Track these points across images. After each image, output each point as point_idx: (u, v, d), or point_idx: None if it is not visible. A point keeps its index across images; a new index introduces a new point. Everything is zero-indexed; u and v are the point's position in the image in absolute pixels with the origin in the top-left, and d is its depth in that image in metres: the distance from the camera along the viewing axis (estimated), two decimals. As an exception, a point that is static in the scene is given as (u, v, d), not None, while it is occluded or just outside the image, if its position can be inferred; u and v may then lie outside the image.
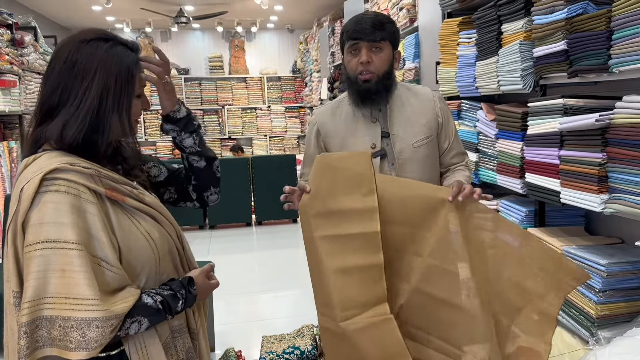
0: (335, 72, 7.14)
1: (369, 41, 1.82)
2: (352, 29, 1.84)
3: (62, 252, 1.11)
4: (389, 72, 1.87)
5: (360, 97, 1.87)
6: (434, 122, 1.94)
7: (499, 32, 2.63)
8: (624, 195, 1.86)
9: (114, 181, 1.23)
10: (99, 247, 1.15)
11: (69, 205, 1.13)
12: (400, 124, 1.90)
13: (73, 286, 1.10)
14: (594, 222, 2.53)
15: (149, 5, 8.20)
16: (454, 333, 1.53)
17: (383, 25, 1.83)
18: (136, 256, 1.22)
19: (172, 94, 1.44)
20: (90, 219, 1.15)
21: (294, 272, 5.19)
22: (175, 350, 1.32)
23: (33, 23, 6.71)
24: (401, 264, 1.60)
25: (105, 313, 1.11)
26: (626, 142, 1.84)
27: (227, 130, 10.74)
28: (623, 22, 1.81)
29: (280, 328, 3.36)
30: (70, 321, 1.10)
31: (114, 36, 1.28)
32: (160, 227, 1.30)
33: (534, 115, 2.31)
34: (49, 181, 1.14)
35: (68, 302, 1.10)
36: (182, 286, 1.30)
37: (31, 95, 6.21)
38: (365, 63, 1.82)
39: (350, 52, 1.87)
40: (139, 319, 1.18)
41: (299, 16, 9.71)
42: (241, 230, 6.84)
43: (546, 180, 2.26)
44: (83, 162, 1.19)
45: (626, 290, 1.98)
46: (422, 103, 1.95)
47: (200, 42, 10.80)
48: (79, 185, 1.16)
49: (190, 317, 1.39)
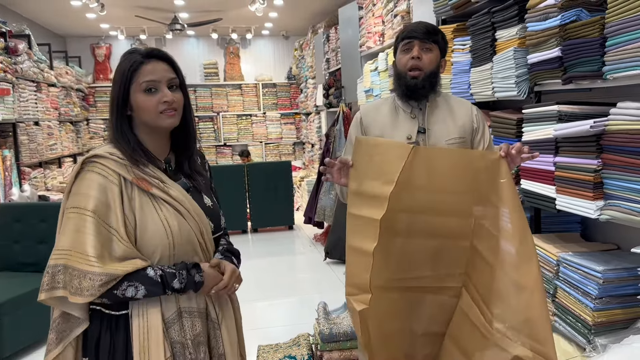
0: (330, 79, 7.14)
1: (422, 40, 1.97)
2: (408, 29, 2.01)
3: (82, 217, 1.38)
4: (435, 72, 2.01)
5: (407, 90, 2.00)
6: (469, 126, 2.03)
7: (493, 39, 2.64)
8: (620, 201, 1.86)
9: (144, 173, 1.47)
10: (114, 219, 1.40)
11: (97, 183, 1.41)
12: (436, 122, 2.01)
13: (82, 244, 1.36)
14: (590, 229, 2.53)
15: (143, 13, 8.19)
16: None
17: (436, 31, 2.02)
18: (151, 236, 1.43)
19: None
20: (111, 196, 1.41)
21: (291, 280, 5.16)
22: (181, 327, 1.47)
23: (27, 31, 6.70)
24: (463, 226, 1.71)
25: (98, 269, 1.34)
26: (621, 149, 1.84)
27: (222, 137, 10.71)
28: (616, 29, 1.81)
29: (276, 337, 3.34)
30: (75, 270, 1.35)
31: (136, 49, 1.51)
32: (181, 218, 1.48)
33: (529, 121, 2.31)
34: (89, 164, 1.44)
35: (76, 255, 1.36)
36: (184, 268, 1.46)
37: (25, 103, 6.18)
38: (415, 58, 1.97)
39: (403, 50, 2.02)
40: (136, 284, 1.38)
41: (293, 23, 9.72)
42: (237, 237, 6.81)
43: (542, 187, 2.26)
44: (124, 153, 1.46)
45: (622, 297, 1.97)
46: (460, 108, 2.06)
47: (195, 49, 10.79)
48: (110, 170, 1.43)
49: (210, 306, 1.55)
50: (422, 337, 1.77)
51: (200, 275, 1.47)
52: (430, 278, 1.74)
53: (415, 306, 1.76)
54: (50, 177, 6.91)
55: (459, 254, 1.72)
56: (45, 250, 3.63)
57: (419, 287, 1.75)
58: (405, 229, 1.69)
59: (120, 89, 1.46)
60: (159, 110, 1.47)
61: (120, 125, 1.48)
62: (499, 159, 1.63)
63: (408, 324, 1.76)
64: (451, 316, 1.75)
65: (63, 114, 7.96)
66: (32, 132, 6.40)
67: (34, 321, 3.44)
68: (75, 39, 10.23)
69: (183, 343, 1.47)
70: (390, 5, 4.69)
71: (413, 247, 1.72)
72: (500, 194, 1.61)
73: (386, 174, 1.61)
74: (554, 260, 2.19)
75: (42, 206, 4.14)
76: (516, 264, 1.54)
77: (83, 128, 9.35)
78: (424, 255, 1.73)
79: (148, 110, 1.46)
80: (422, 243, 1.72)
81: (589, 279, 1.99)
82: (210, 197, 1.66)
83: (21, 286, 3.42)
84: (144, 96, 1.46)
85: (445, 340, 1.76)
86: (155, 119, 1.48)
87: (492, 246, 1.62)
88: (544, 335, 1.47)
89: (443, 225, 1.71)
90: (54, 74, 7.57)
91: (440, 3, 3.22)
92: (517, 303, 1.53)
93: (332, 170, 1.77)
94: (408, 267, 1.73)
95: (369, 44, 5.34)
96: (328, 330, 2.86)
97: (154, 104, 1.46)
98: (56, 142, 7.37)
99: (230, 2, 7.83)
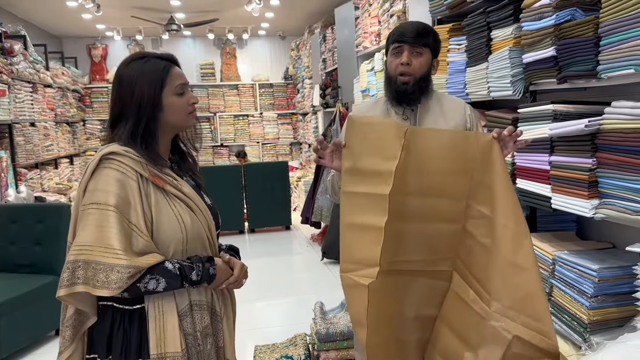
0: (327, 79, 7.15)
1: (411, 45, 1.95)
2: (398, 33, 1.98)
3: (104, 212, 1.40)
4: (425, 76, 1.99)
5: (397, 95, 2.00)
6: (462, 126, 2.01)
7: (488, 39, 2.65)
8: (615, 200, 1.87)
9: (159, 170, 1.53)
10: (134, 215, 1.44)
11: (115, 179, 1.44)
12: (428, 123, 2.00)
13: (106, 238, 1.39)
14: (585, 227, 2.53)
15: (139, 13, 8.18)
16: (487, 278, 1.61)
17: (427, 33, 1.98)
18: (166, 230, 1.48)
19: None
20: (130, 193, 1.45)
21: (288, 280, 5.17)
22: (192, 320, 1.53)
23: (23, 32, 6.69)
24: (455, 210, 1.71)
25: (125, 262, 1.37)
26: (616, 148, 1.84)
27: (219, 137, 10.71)
28: (611, 29, 1.82)
29: (273, 337, 3.34)
30: (100, 265, 1.37)
31: (148, 53, 1.58)
32: (193, 214, 1.55)
33: (524, 121, 2.32)
34: (106, 160, 1.47)
35: (101, 250, 1.38)
36: (200, 260, 1.52)
37: (21, 104, 6.17)
38: (405, 64, 1.95)
39: (393, 53, 2.01)
40: (157, 277, 1.43)
41: (290, 23, 9.73)
42: (234, 238, 6.81)
43: (537, 186, 2.26)
44: (137, 151, 1.49)
45: (618, 295, 1.98)
46: (453, 108, 2.05)
47: (192, 50, 10.78)
48: (127, 167, 1.46)
49: (215, 300, 1.62)
50: (413, 320, 1.75)
51: (214, 268, 1.55)
52: (421, 262, 1.73)
53: (407, 290, 1.75)
54: (46, 178, 6.90)
55: (450, 237, 1.71)
56: (41, 252, 3.64)
57: (410, 271, 1.73)
58: (397, 212, 1.65)
59: (155, 91, 1.52)
60: (188, 111, 1.59)
61: (151, 125, 1.53)
62: (491, 140, 1.63)
63: (399, 308, 1.74)
64: (442, 299, 1.74)
65: (59, 115, 7.95)
66: (28, 133, 6.39)
67: (30, 322, 3.44)
68: (71, 39, 10.21)
69: (194, 335, 1.53)
70: (386, 5, 4.70)
71: (405, 230, 1.70)
72: (493, 175, 1.61)
73: (386, 149, 1.61)
74: (550, 259, 2.20)
75: (38, 207, 4.14)
76: (513, 244, 1.54)
77: (79, 129, 9.34)
78: (415, 239, 1.71)
79: (179, 111, 1.57)
80: (414, 226, 1.70)
81: (584, 278, 2.00)
82: (208, 196, 1.73)
83: (18, 287, 3.42)
84: (177, 98, 1.56)
85: (438, 323, 1.75)
86: (185, 119, 1.60)
87: (487, 228, 1.62)
88: (543, 314, 1.47)
89: (435, 207, 1.70)
90: (50, 75, 7.55)
91: (435, 3, 3.23)
92: (516, 283, 1.52)
93: (324, 152, 1.77)
94: (399, 250, 1.70)
95: (365, 44, 5.35)
96: (325, 330, 2.87)
97: (184, 105, 1.58)
98: (52, 143, 7.35)
99: (226, 2, 7.82)
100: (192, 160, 1.74)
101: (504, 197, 1.58)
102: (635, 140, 1.75)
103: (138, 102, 1.51)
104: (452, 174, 1.68)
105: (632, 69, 1.75)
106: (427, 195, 1.69)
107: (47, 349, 3.58)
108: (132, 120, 1.52)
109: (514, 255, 1.53)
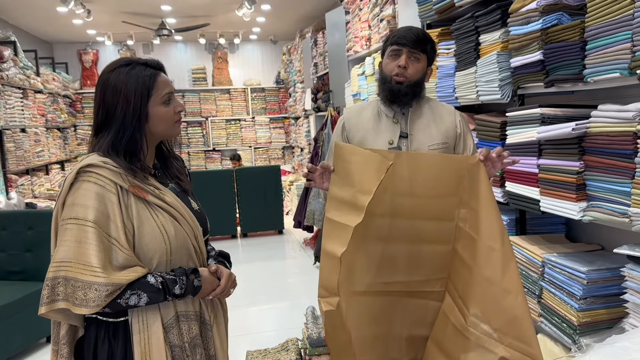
0: (319, 83, 7.16)
1: (411, 49, 1.97)
2: (398, 35, 1.99)
3: (82, 228, 1.37)
4: (420, 81, 2.01)
5: (391, 95, 2.00)
6: (452, 131, 2.04)
7: (477, 43, 2.66)
8: (602, 202, 1.88)
9: (140, 180, 1.48)
10: (113, 228, 1.40)
11: (94, 193, 1.40)
12: (419, 127, 2.01)
13: (84, 255, 1.36)
14: (574, 230, 2.55)
15: (130, 18, 8.16)
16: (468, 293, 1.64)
17: (426, 40, 2.00)
18: (148, 242, 1.44)
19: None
20: (110, 206, 1.41)
21: (280, 285, 5.16)
22: (179, 331, 1.50)
23: (13, 37, 6.66)
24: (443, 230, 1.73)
25: (103, 279, 1.34)
26: (602, 151, 1.86)
27: (211, 142, 10.70)
28: (596, 33, 1.84)
29: (265, 342, 3.34)
30: (78, 282, 1.35)
31: (132, 59, 1.52)
32: (177, 224, 1.51)
33: (513, 124, 2.33)
34: (84, 174, 1.43)
35: (79, 266, 1.35)
36: (184, 273, 1.48)
37: (11, 110, 6.14)
38: (402, 67, 1.96)
39: (390, 55, 2.01)
40: (138, 292, 1.39)
41: (281, 28, 9.74)
42: (226, 242, 6.79)
43: (526, 189, 2.28)
44: (117, 162, 1.45)
45: (606, 297, 1.99)
46: (444, 114, 2.06)
47: (183, 54, 10.77)
48: (106, 179, 1.42)
49: (204, 309, 1.58)
50: (406, 340, 1.78)
51: (198, 280, 1.52)
52: (413, 282, 1.75)
53: (399, 310, 1.77)
54: (37, 184, 6.86)
55: (441, 258, 1.73)
56: (32, 259, 3.61)
57: (402, 292, 1.76)
58: (387, 234, 1.69)
59: (141, 101, 1.47)
60: (175, 120, 1.56)
61: (138, 136, 1.49)
62: (477, 163, 1.66)
63: (391, 328, 1.77)
64: (434, 319, 1.77)
65: (50, 121, 7.92)
66: (19, 139, 6.36)
67: (21, 330, 3.41)
68: (62, 45, 10.18)
69: (181, 346, 1.51)
70: (376, 9, 4.72)
71: (395, 251, 1.72)
72: (478, 197, 1.63)
73: (363, 183, 1.62)
74: (539, 262, 2.21)
75: (29, 214, 4.11)
76: (499, 267, 1.56)
77: (70, 134, 9.30)
78: (406, 260, 1.73)
79: (165, 121, 1.53)
80: (404, 248, 1.73)
81: (573, 280, 2.01)
82: (196, 201, 1.70)
83: (9, 294, 3.40)
84: (163, 107, 1.52)
85: (429, 343, 1.77)
86: (171, 128, 1.56)
87: (472, 249, 1.63)
88: (530, 336, 1.49)
89: (425, 229, 1.72)
90: (41, 81, 7.53)
91: (424, 7, 3.25)
92: (503, 305, 1.54)
93: (314, 175, 1.78)
94: (391, 271, 1.73)
95: (356, 49, 5.36)
96: (316, 334, 2.86)
97: (171, 114, 1.54)
98: (43, 148, 7.32)
99: (217, 7, 7.83)
100: (179, 164, 1.70)
101: (489, 219, 1.60)
102: (621, 143, 1.77)
103: (123, 112, 1.46)
104: (441, 197, 1.70)
105: (617, 73, 1.76)
106: (417, 217, 1.72)
107: (38, 356, 3.55)
108: (116, 129, 1.47)
109: (500, 278, 1.55)
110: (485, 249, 1.59)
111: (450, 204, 1.70)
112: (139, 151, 1.50)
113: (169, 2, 7.47)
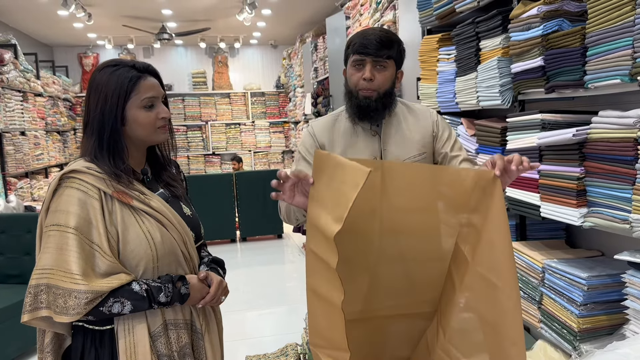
0: (319, 88, 7.17)
1: (375, 58, 1.78)
2: (359, 43, 1.79)
3: (63, 234, 1.35)
4: (390, 91, 1.84)
5: (359, 111, 1.84)
6: (429, 137, 1.90)
7: (477, 49, 2.67)
8: (602, 209, 1.88)
9: (125, 186, 1.45)
10: (96, 235, 1.37)
11: (76, 199, 1.38)
12: (394, 141, 1.87)
13: (65, 262, 1.34)
14: (574, 235, 2.55)
15: (130, 22, 8.18)
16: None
17: (391, 43, 1.79)
18: (134, 249, 1.41)
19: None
20: (92, 212, 1.38)
21: (280, 290, 5.15)
22: (167, 340, 1.46)
23: (13, 40, 6.67)
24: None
25: (83, 287, 1.31)
26: (603, 157, 1.86)
27: (210, 146, 10.70)
28: (597, 39, 1.84)
29: (264, 347, 3.33)
30: (59, 289, 1.32)
31: (121, 61, 1.49)
32: (164, 229, 1.47)
33: (513, 130, 2.33)
34: (67, 179, 1.41)
35: (60, 274, 1.33)
36: (170, 281, 1.44)
37: (11, 113, 6.14)
38: (368, 80, 1.79)
39: (354, 65, 1.84)
40: (121, 300, 1.36)
41: (282, 32, 9.76)
42: (226, 246, 6.79)
43: (526, 195, 2.28)
44: (101, 167, 1.43)
45: (607, 303, 1.99)
46: (419, 120, 1.92)
47: (183, 58, 10.79)
48: (89, 185, 1.40)
49: (195, 317, 1.54)
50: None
51: (186, 287, 1.47)
52: (404, 305, 1.55)
53: (383, 333, 1.57)
54: (36, 188, 6.86)
55: (435, 277, 1.52)
56: (30, 262, 3.59)
57: (389, 316, 1.56)
58: (375, 258, 1.46)
59: (118, 102, 1.42)
60: (157, 126, 1.49)
61: (115, 139, 1.44)
62: (493, 180, 1.33)
63: (371, 350, 1.59)
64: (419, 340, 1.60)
65: (50, 124, 7.92)
66: (19, 142, 6.36)
67: (19, 334, 3.40)
68: (63, 48, 10.19)
69: (170, 356, 1.46)
70: (376, 15, 4.73)
71: (387, 274, 1.51)
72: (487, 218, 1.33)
73: (336, 208, 1.24)
74: (540, 267, 2.21)
75: (28, 217, 4.11)
76: (504, 313, 1.28)
77: (70, 138, 9.30)
78: (399, 282, 1.52)
79: (144, 126, 1.47)
80: (393, 269, 1.50)
81: (574, 286, 2.01)
82: (189, 206, 1.65)
83: (7, 298, 3.39)
84: (143, 112, 1.46)
85: None
86: (151, 135, 1.50)
87: (462, 272, 1.42)
88: None
89: (418, 247, 1.50)
90: (41, 84, 7.53)
91: (425, 13, 3.25)
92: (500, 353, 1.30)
93: (284, 186, 1.43)
94: (383, 296, 1.53)
95: (356, 53, 5.37)
96: (316, 339, 2.85)
97: (152, 120, 1.47)
98: (43, 152, 7.32)
99: (218, 11, 7.84)
100: (173, 169, 1.66)
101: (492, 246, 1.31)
102: (622, 149, 1.77)
103: (101, 112, 1.43)
104: (435, 212, 1.46)
105: (618, 79, 1.76)
106: (409, 234, 1.48)
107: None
108: (97, 131, 1.44)
109: (502, 327, 1.29)
110: (478, 278, 1.34)
111: (445, 220, 1.47)
112: (122, 152, 1.46)
113: (170, 6, 7.49)
